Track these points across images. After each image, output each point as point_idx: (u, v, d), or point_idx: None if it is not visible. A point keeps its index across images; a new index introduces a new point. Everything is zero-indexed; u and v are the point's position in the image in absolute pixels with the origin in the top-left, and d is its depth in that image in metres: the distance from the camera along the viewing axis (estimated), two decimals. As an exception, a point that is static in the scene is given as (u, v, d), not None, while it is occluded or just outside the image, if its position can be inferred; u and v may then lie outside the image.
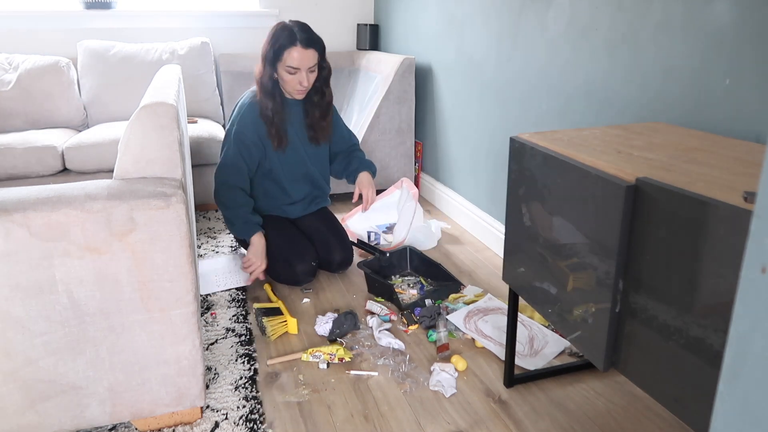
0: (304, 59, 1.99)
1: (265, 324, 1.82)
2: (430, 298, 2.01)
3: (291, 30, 1.98)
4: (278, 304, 1.96)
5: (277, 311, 1.91)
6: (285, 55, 1.98)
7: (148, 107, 1.28)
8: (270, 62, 2.02)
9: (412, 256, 2.29)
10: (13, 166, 2.58)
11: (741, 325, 0.42)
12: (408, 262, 2.30)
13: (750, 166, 1.04)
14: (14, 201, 1.13)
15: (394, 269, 2.26)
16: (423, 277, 2.22)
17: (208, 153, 2.84)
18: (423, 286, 2.16)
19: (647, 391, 1.03)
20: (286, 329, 1.85)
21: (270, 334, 1.80)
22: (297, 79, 2.02)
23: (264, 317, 1.85)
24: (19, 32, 3.19)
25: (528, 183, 1.31)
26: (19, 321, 1.17)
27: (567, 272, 1.20)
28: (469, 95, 2.62)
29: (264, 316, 1.86)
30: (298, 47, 1.97)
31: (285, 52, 1.98)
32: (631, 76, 1.66)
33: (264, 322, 1.82)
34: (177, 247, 1.24)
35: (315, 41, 2.01)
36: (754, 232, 0.41)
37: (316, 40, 2.02)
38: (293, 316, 1.94)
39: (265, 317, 1.85)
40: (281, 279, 2.17)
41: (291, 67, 1.99)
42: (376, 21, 3.75)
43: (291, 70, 2.00)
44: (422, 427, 1.44)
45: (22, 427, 1.25)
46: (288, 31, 1.98)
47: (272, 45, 2.00)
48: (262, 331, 1.83)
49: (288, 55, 1.98)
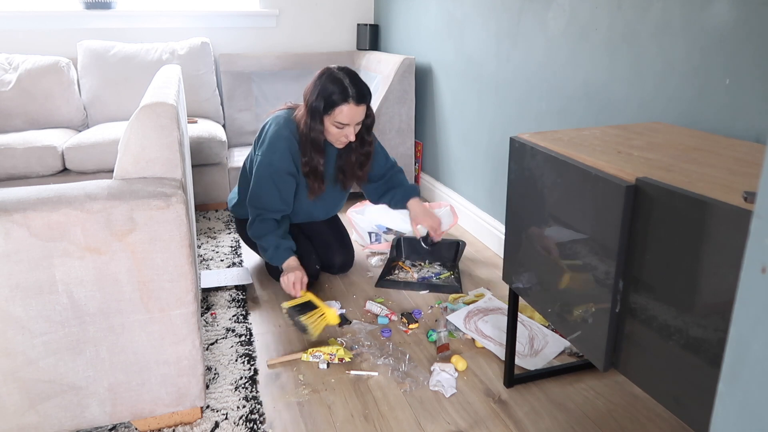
0: (354, 116, 1.90)
1: (304, 323, 1.74)
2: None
3: (342, 83, 1.87)
4: (308, 297, 1.86)
5: (309, 305, 1.83)
6: (336, 111, 1.88)
7: (148, 107, 1.28)
8: (317, 114, 1.90)
9: (459, 251, 2.32)
10: (13, 166, 2.58)
11: (741, 325, 0.42)
12: (456, 256, 2.33)
13: (750, 166, 1.04)
14: (14, 201, 1.13)
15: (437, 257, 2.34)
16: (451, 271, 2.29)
17: (208, 153, 2.84)
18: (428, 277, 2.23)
19: (647, 391, 1.03)
20: (327, 322, 1.77)
21: (312, 332, 1.73)
22: (344, 133, 1.93)
23: (300, 315, 1.77)
24: (19, 32, 3.19)
25: (528, 183, 1.31)
26: (19, 321, 1.17)
27: (567, 272, 1.20)
28: (469, 95, 2.62)
29: (299, 314, 1.78)
30: (351, 104, 1.87)
31: (336, 108, 1.88)
32: (631, 76, 1.66)
33: (302, 321, 1.74)
34: (177, 247, 1.24)
35: (365, 95, 1.92)
36: (754, 232, 0.41)
37: (367, 94, 1.92)
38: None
39: (301, 315, 1.77)
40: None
41: (340, 123, 1.90)
42: (376, 21, 3.75)
43: (339, 126, 1.91)
44: (422, 427, 1.44)
45: (22, 427, 1.25)
46: (340, 84, 1.87)
47: (322, 96, 1.88)
48: (303, 330, 1.75)
49: (339, 112, 1.88)
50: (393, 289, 2.15)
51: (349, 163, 2.08)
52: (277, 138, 1.97)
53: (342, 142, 1.98)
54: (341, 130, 1.92)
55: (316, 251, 2.18)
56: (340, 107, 1.87)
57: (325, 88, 1.88)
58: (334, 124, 1.91)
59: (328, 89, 1.88)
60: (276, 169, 1.97)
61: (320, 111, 1.90)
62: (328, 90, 1.87)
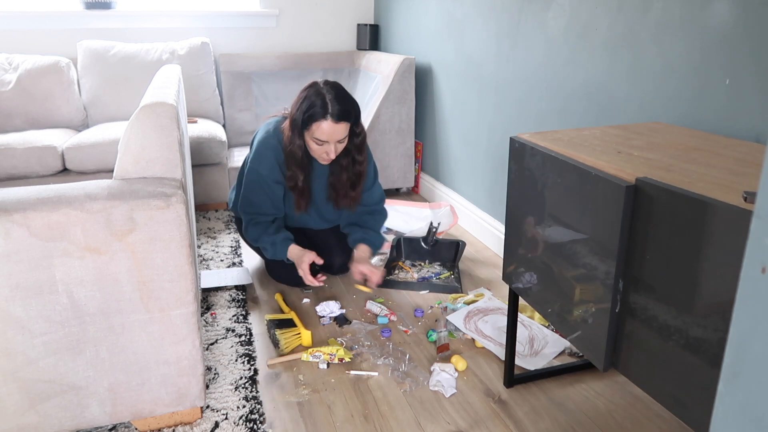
0: (334, 133, 1.86)
1: (278, 337, 1.75)
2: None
3: (324, 99, 1.83)
4: (291, 315, 1.89)
5: (290, 323, 1.84)
6: (314, 126, 1.85)
7: (148, 107, 1.28)
8: (298, 129, 1.89)
9: (459, 251, 2.32)
10: (13, 166, 2.58)
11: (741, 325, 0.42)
12: (456, 256, 2.33)
13: (750, 166, 1.04)
14: (14, 201, 1.13)
15: (437, 257, 2.36)
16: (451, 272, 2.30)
17: (208, 153, 2.84)
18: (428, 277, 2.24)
19: (647, 391, 1.03)
20: (300, 342, 1.78)
21: (283, 348, 1.74)
22: (324, 150, 1.90)
23: (277, 329, 1.78)
24: (19, 32, 3.19)
25: (528, 183, 1.31)
26: (19, 321, 1.17)
27: (567, 272, 1.20)
28: (469, 95, 2.62)
29: (276, 328, 1.79)
30: (329, 121, 1.83)
31: (314, 124, 1.85)
32: (630, 76, 1.66)
33: (277, 335, 1.76)
34: (177, 247, 1.24)
35: (348, 114, 1.86)
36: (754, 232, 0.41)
37: (349, 112, 1.87)
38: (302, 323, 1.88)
39: (278, 329, 1.78)
40: (282, 279, 2.16)
41: (318, 139, 1.87)
42: (376, 21, 3.75)
43: (318, 142, 1.88)
44: (422, 427, 1.44)
45: (22, 427, 1.25)
46: (321, 100, 1.83)
47: (302, 111, 1.86)
48: (275, 344, 1.76)
49: (317, 128, 1.85)
50: (393, 289, 2.15)
51: (341, 181, 2.05)
52: (264, 147, 1.98)
53: (324, 159, 1.95)
54: (321, 147, 1.90)
55: (316, 251, 2.18)
56: (318, 123, 1.84)
57: (307, 102, 1.86)
58: (314, 140, 1.89)
59: (309, 103, 1.85)
60: (263, 177, 1.99)
61: (299, 125, 1.88)
62: (310, 104, 1.85)
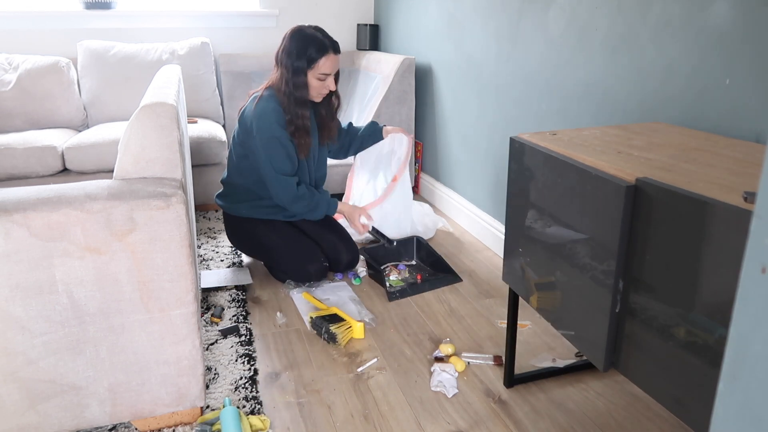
0: (335, 65, 2.03)
1: (334, 331, 1.77)
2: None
3: (317, 37, 2.00)
4: (333, 310, 1.91)
5: (336, 318, 1.85)
6: (321, 62, 2.00)
7: (148, 107, 1.28)
8: (300, 71, 2.00)
9: (419, 246, 2.37)
10: (13, 166, 2.58)
11: (741, 325, 0.42)
12: (415, 252, 2.37)
13: (750, 166, 1.04)
14: (14, 201, 1.13)
15: (400, 257, 2.36)
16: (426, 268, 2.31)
17: (208, 153, 2.84)
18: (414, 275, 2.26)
19: (647, 391, 1.03)
20: (352, 335, 1.81)
21: (341, 341, 1.77)
22: (325, 85, 2.05)
23: (329, 324, 1.80)
24: (19, 32, 3.19)
25: (528, 183, 1.31)
26: (19, 321, 1.17)
27: (567, 272, 1.20)
28: (469, 95, 2.62)
29: (327, 323, 1.81)
30: (331, 55, 2.01)
31: (321, 60, 1.99)
32: (630, 76, 1.66)
33: (332, 330, 1.77)
34: (177, 247, 1.24)
35: (338, 45, 2.05)
36: (754, 232, 0.41)
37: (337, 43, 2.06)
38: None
39: (331, 324, 1.80)
40: (289, 278, 2.16)
41: (323, 74, 2.01)
42: (376, 21, 3.75)
43: (322, 77, 2.02)
44: (422, 427, 1.44)
45: (22, 427, 1.25)
46: (316, 39, 2.00)
47: (302, 53, 1.99)
48: (331, 339, 1.78)
49: (324, 63, 2.00)
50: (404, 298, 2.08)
51: (323, 118, 2.19)
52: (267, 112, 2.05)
53: (322, 95, 2.09)
54: (323, 82, 2.04)
55: (323, 251, 2.19)
56: (325, 57, 2.00)
57: (303, 46, 1.99)
58: (318, 77, 2.02)
59: (306, 46, 1.99)
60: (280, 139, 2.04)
61: (303, 68, 2.00)
62: (307, 44, 1.99)
